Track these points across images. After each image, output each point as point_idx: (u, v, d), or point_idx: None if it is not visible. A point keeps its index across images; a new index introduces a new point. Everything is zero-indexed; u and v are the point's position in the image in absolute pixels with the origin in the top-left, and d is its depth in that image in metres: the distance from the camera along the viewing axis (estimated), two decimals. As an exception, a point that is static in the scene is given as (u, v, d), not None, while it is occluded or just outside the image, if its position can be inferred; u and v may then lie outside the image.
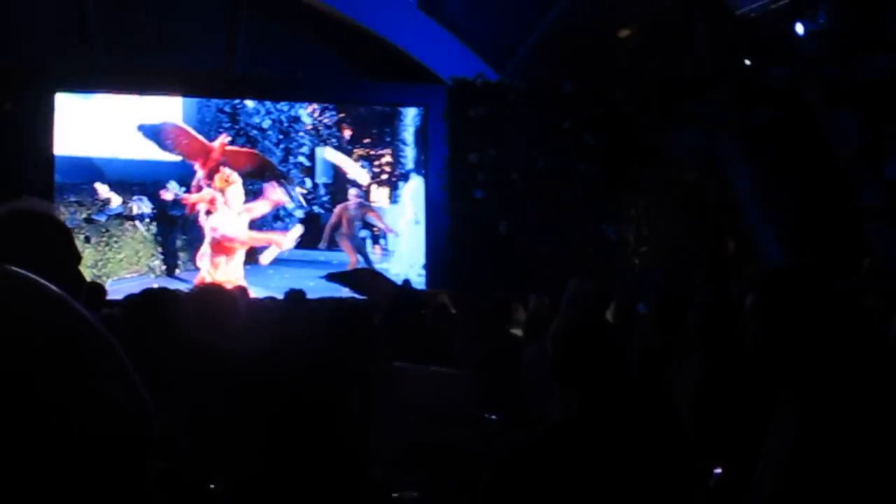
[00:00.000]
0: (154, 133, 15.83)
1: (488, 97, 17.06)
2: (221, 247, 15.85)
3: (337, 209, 16.69)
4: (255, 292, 13.59)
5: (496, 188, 16.83)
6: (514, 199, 16.79)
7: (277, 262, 16.33)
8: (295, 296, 9.31)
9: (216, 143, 16.08)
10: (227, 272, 15.64)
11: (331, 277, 15.85)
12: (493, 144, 16.88)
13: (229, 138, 16.20)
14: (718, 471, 3.27)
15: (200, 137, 16.02)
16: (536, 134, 16.70)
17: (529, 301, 10.78)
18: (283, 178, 16.46)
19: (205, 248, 15.80)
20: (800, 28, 13.15)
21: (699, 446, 4.08)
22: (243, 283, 14.99)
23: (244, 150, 16.25)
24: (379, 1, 16.79)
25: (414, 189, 17.11)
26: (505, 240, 16.61)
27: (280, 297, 10.48)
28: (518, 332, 8.77)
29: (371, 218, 16.86)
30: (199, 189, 15.78)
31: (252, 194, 16.21)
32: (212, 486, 3.38)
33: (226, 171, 15.95)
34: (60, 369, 1.06)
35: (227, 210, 15.80)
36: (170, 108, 16.02)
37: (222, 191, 15.82)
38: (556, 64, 16.79)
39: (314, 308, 4.84)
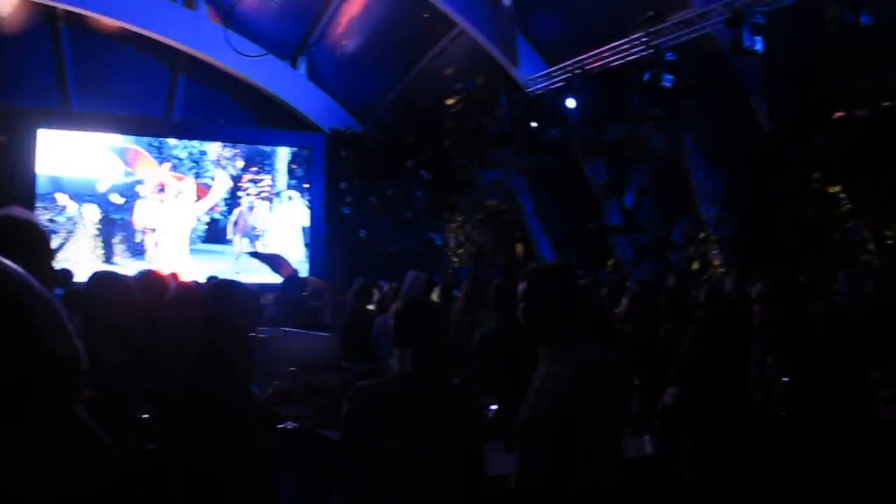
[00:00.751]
0: (120, 152, 15.48)
1: (354, 142, 17.05)
2: (161, 237, 15.75)
3: (234, 211, 16.45)
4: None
5: (358, 207, 16.81)
6: (371, 215, 16.82)
7: (193, 252, 15.99)
8: (213, 280, 9.11)
9: (163, 168, 15.78)
10: (171, 255, 15.55)
11: (254, 255, 15.69)
12: (357, 176, 16.85)
13: (170, 164, 15.85)
14: (494, 407, 3.32)
15: (153, 160, 15.72)
16: (387, 169, 16.75)
17: (381, 287, 10.78)
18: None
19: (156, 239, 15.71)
20: (569, 102, 13.40)
21: (486, 389, 4.11)
22: (187, 263, 15.15)
23: (180, 175, 15.96)
24: (279, 72, 16.66)
25: (285, 203, 16.99)
26: (364, 243, 16.61)
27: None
28: (372, 307, 8.76)
29: (255, 221, 16.67)
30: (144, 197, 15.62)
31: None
32: (145, 416, 3.29)
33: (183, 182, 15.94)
34: (12, 324, 1.07)
35: (163, 211, 15.75)
36: (115, 142, 15.49)
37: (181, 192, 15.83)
38: (403, 120, 16.84)
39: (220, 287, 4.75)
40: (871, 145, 11.06)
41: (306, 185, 17.06)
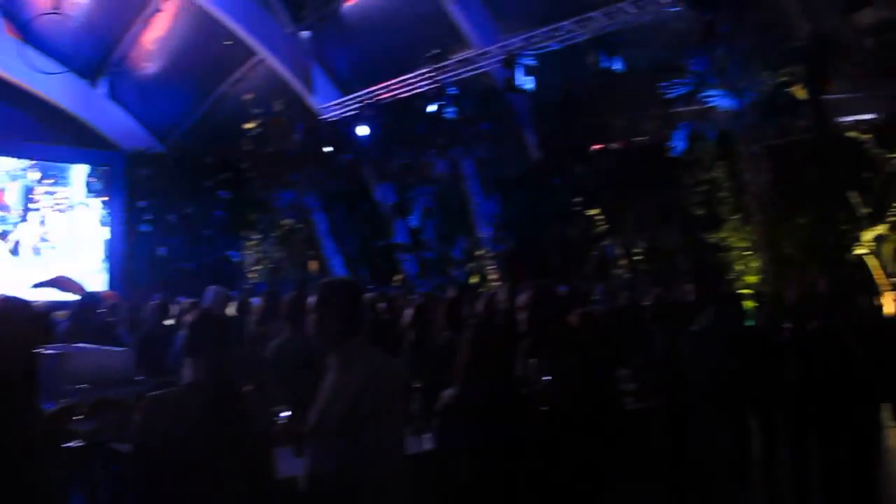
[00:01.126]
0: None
1: (155, 162, 16.43)
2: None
3: (21, 226, 15.27)
4: None
5: (158, 225, 16.23)
6: (170, 232, 16.21)
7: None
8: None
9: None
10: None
11: (37, 286, 14.31)
12: (156, 195, 16.23)
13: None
14: (284, 413, 3.28)
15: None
16: (186, 189, 16.23)
17: (179, 302, 10.34)
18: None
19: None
20: (361, 130, 13.52)
21: (278, 397, 4.04)
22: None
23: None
24: (78, 90, 15.82)
25: (81, 216, 16.02)
26: (163, 260, 15.95)
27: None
28: (170, 323, 8.38)
29: (46, 235, 15.55)
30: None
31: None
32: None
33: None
34: None
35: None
36: None
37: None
38: (202, 142, 16.38)
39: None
40: (624, 174, 11.92)
41: (105, 199, 16.15)
